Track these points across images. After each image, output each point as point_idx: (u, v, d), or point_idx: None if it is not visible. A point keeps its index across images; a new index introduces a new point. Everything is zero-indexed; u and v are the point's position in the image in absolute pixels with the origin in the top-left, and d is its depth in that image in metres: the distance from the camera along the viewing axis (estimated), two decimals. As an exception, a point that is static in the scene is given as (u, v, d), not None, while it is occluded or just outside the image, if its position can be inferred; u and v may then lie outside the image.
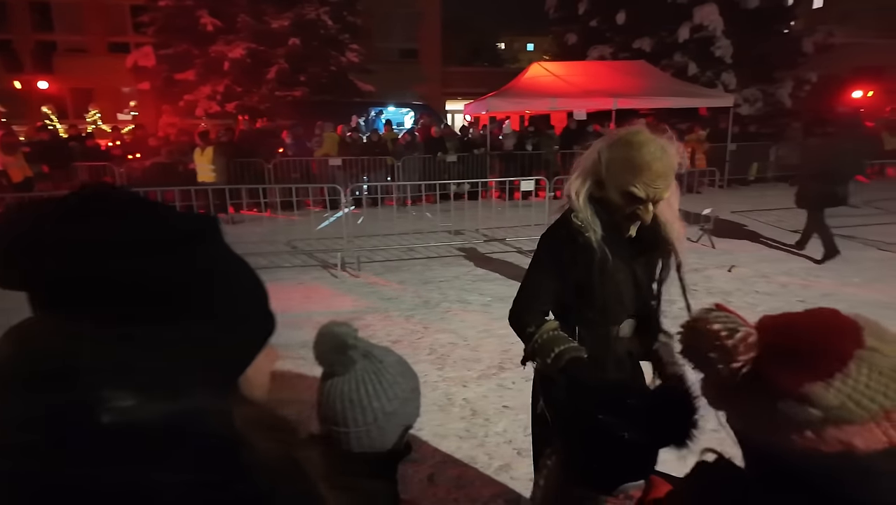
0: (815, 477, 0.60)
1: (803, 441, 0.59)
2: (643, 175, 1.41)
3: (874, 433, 0.57)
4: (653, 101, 12.65)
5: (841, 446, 0.57)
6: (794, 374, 0.59)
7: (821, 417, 0.58)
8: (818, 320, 0.64)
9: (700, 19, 13.94)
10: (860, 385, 0.57)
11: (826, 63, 15.97)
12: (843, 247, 7.13)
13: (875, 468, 0.57)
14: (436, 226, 8.06)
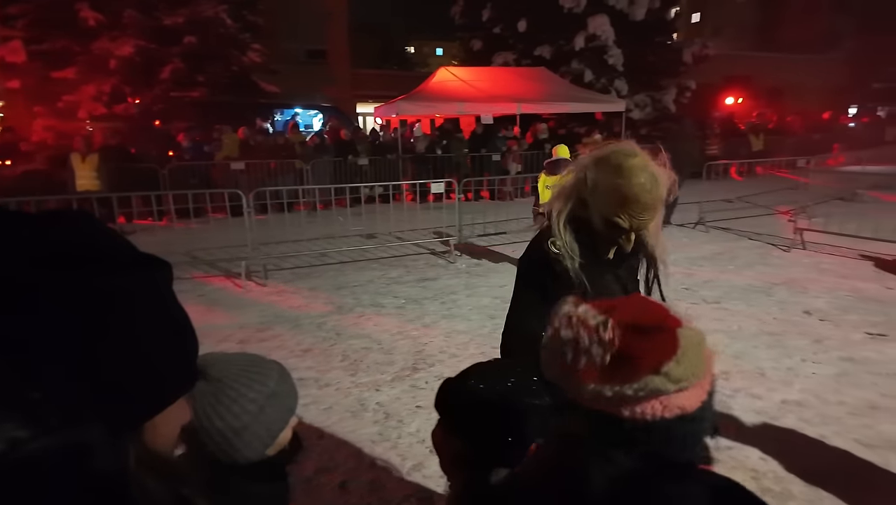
0: (655, 441, 0.69)
1: (653, 410, 0.68)
2: (629, 207, 1.33)
3: (697, 394, 0.69)
4: (554, 107, 13.33)
5: (679, 411, 0.68)
6: (654, 354, 0.67)
7: (670, 389, 0.67)
8: (651, 306, 0.75)
9: (593, 29, 14.87)
10: (690, 356, 0.68)
11: (703, 72, 17.66)
12: (720, 238, 7.94)
13: (697, 425, 0.69)
14: (348, 230, 7.95)
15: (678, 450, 0.69)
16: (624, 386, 0.67)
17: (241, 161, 10.27)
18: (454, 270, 6.57)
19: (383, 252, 7.30)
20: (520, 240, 8.07)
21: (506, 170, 12.36)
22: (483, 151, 12.47)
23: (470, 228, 8.18)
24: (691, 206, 9.71)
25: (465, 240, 7.47)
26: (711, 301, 5.24)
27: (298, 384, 4.02)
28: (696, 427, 0.69)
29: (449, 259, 7.00)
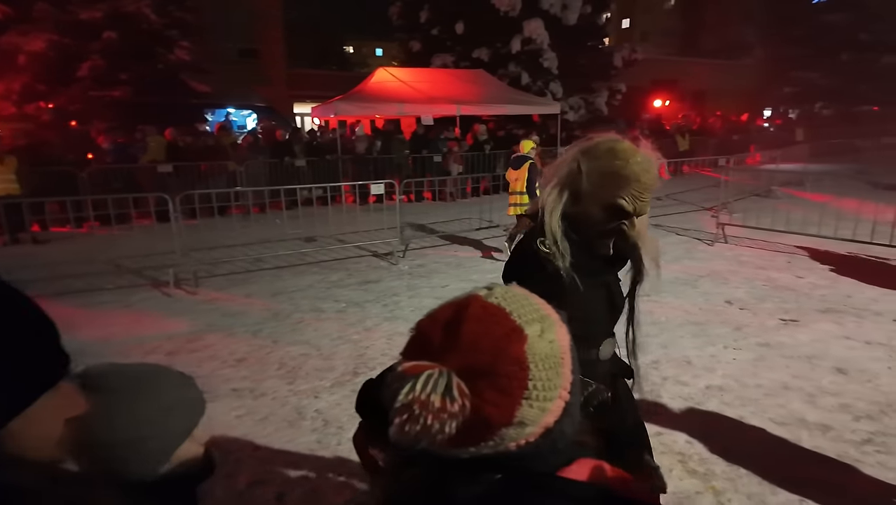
0: (524, 458, 0.66)
1: (516, 443, 0.65)
2: (631, 187, 1.29)
3: (558, 405, 0.66)
4: (492, 109, 13.53)
5: (542, 429, 0.65)
6: (502, 406, 0.61)
7: (531, 428, 0.64)
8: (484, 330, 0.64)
9: (529, 33, 15.23)
10: (543, 381, 0.63)
11: (632, 75, 18.48)
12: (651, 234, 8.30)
13: (566, 424, 0.67)
14: (285, 233, 7.73)
15: (550, 454, 0.68)
16: (480, 447, 0.63)
17: (169, 164, 9.78)
18: (396, 272, 6.53)
19: (323, 255, 7.16)
20: (462, 240, 8.15)
21: (447, 171, 12.43)
22: (424, 152, 12.49)
23: (412, 229, 8.17)
24: (624, 204, 10.12)
25: (407, 241, 7.44)
26: (642, 294, 5.47)
27: (232, 395, 3.85)
28: (565, 426, 0.67)
29: (391, 261, 6.95)
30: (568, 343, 0.69)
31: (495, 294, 0.69)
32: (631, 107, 19.68)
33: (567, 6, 15.63)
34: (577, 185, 1.34)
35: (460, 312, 0.66)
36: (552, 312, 0.71)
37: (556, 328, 0.68)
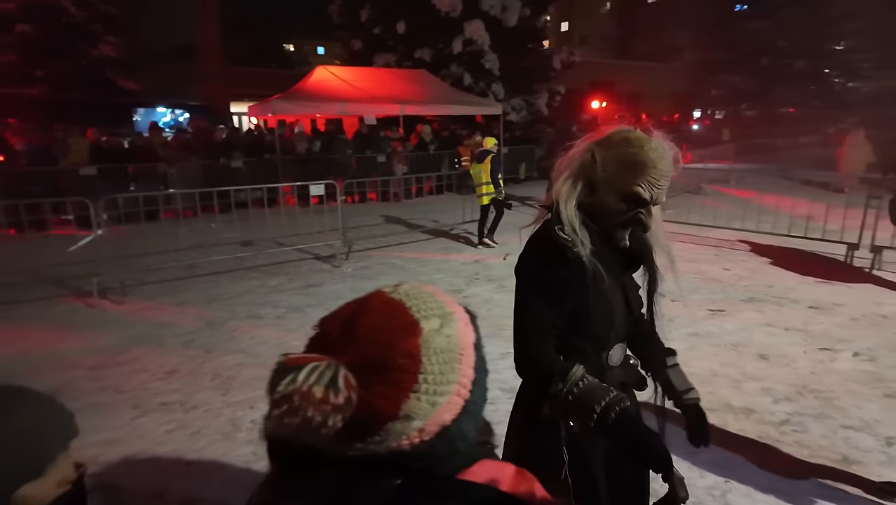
0: (422, 458, 0.64)
1: (409, 440, 0.62)
2: (648, 173, 1.25)
3: (454, 402, 0.64)
4: (436, 109, 13.55)
5: (437, 427, 0.63)
6: (389, 400, 0.60)
7: (422, 423, 0.62)
8: (380, 324, 0.64)
9: (470, 34, 15.35)
10: (436, 376, 0.62)
11: (571, 77, 18.99)
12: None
13: (465, 423, 0.65)
14: (221, 238, 7.43)
15: (451, 456, 0.66)
16: (367, 443, 0.61)
17: (93, 166, 9.19)
18: (340, 275, 6.41)
19: (262, 259, 6.93)
20: (408, 240, 8.10)
21: (392, 171, 12.35)
22: (368, 153, 12.35)
23: (356, 231, 8.05)
24: (565, 203, 10.39)
25: (350, 243, 7.32)
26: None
27: (161, 409, 3.66)
28: (464, 425, 0.66)
29: (334, 263, 6.82)
30: (471, 340, 0.68)
31: (399, 290, 0.69)
32: (570, 108, 20.23)
33: (507, 8, 15.87)
34: (592, 175, 1.30)
35: (360, 307, 0.66)
36: (458, 310, 0.70)
37: (457, 324, 0.67)
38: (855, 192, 7.14)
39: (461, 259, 7.04)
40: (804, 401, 3.37)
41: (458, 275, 6.32)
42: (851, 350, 4.08)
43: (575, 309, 1.30)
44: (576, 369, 1.25)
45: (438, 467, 0.65)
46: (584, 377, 1.24)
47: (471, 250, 7.55)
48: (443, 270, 6.53)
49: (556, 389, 1.23)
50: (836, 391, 3.48)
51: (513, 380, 4.14)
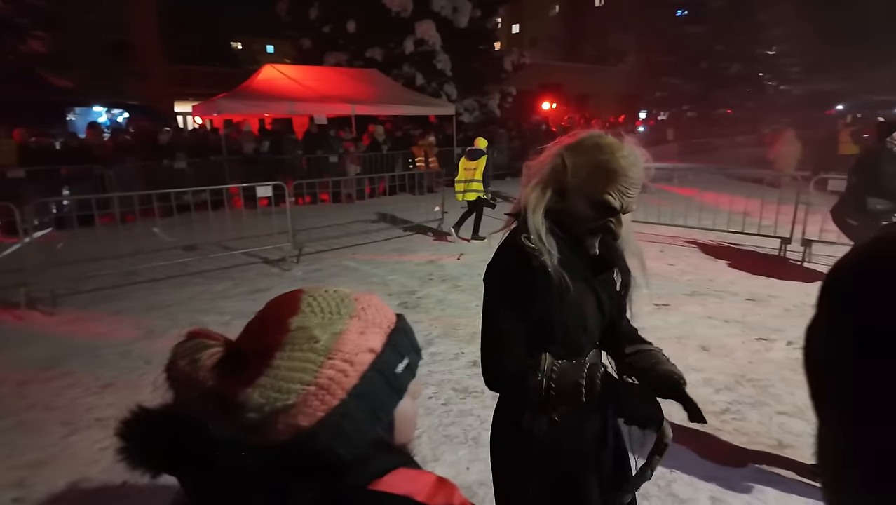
0: (300, 459, 0.62)
1: (255, 439, 0.61)
2: (619, 182, 1.23)
3: (311, 406, 0.61)
4: (388, 109, 13.46)
5: (291, 430, 0.60)
6: (232, 387, 0.60)
7: (259, 418, 0.60)
8: (269, 315, 0.66)
9: (421, 34, 15.34)
10: (282, 372, 0.61)
11: (522, 79, 19.28)
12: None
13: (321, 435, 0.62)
14: (163, 242, 7.11)
15: (361, 464, 0.64)
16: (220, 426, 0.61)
17: (21, 169, 8.61)
18: (289, 279, 6.25)
19: (206, 265, 6.67)
20: (361, 242, 7.99)
21: (344, 172, 12.17)
22: (319, 153, 12.12)
23: (307, 233, 7.87)
24: (517, 202, 10.51)
25: (300, 245, 7.15)
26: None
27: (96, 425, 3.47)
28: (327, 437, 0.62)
29: (283, 267, 6.65)
30: (363, 349, 0.65)
31: (317, 288, 0.70)
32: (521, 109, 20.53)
33: (457, 9, 15.95)
34: (562, 182, 1.28)
35: (273, 300, 0.69)
36: (363, 313, 0.68)
37: (343, 328, 0.65)
38: (787, 189, 7.55)
39: (416, 260, 7.01)
40: (742, 390, 3.52)
41: (413, 276, 6.28)
42: (785, 339, 4.30)
43: (544, 317, 1.29)
44: (544, 357, 1.25)
45: (348, 476, 0.63)
46: (555, 362, 1.25)
47: (425, 250, 7.52)
48: (397, 271, 6.47)
49: (534, 382, 1.22)
50: (772, 379, 3.65)
51: (466, 380, 4.12)
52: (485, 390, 3.54)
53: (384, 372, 0.66)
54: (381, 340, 0.67)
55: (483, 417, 3.23)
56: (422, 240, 8.19)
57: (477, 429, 3.11)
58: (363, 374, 0.64)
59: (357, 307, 0.68)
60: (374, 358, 0.65)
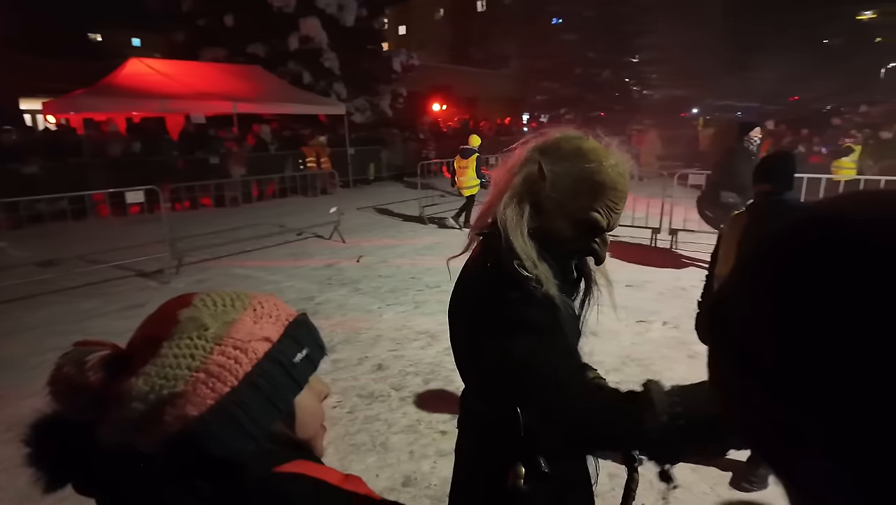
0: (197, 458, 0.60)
1: (143, 438, 0.58)
2: (608, 196, 1.03)
3: (202, 393, 0.59)
4: (274, 107, 12.88)
5: (180, 422, 0.58)
6: (117, 381, 0.59)
7: (144, 408, 0.58)
8: (156, 315, 0.66)
9: (306, 31, 14.84)
10: (168, 360, 0.59)
11: (412, 80, 19.42)
12: (439, 229, 8.84)
13: (212, 424, 0.59)
14: (13, 258, 6.19)
15: (233, 450, 0.59)
16: (114, 429, 0.59)
17: None
18: (170, 292, 5.73)
19: (70, 281, 5.90)
20: (252, 248, 7.55)
21: (228, 174, 11.41)
22: (198, 154, 11.26)
23: (188, 241, 7.27)
24: (414, 203, 10.57)
25: (181, 255, 6.59)
26: (434, 286, 5.76)
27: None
28: (218, 427, 0.58)
29: (162, 280, 6.09)
30: (256, 337, 0.63)
31: (211, 290, 0.69)
32: (413, 110, 20.69)
33: (343, 7, 15.66)
34: (538, 194, 1.05)
35: (163, 303, 0.69)
36: (259, 306, 0.67)
37: (238, 316, 0.64)
38: (654, 184, 8.36)
39: (312, 264, 6.77)
40: (628, 370, 3.83)
41: (310, 280, 6.06)
42: (661, 320, 4.75)
43: None
44: (652, 386, 0.99)
45: (247, 468, 0.60)
46: (638, 397, 0.99)
47: (322, 254, 7.29)
48: (293, 277, 6.21)
49: (649, 420, 0.94)
50: (652, 357, 4.02)
51: (371, 385, 4.06)
52: (391, 393, 3.51)
53: (281, 361, 0.64)
54: (279, 331, 0.66)
55: (390, 420, 3.20)
56: (318, 243, 7.94)
57: (385, 434, 3.07)
58: (258, 362, 0.62)
59: (253, 301, 0.67)
60: (269, 347, 0.63)
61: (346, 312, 4.99)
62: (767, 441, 0.35)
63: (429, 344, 4.27)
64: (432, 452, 2.88)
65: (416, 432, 3.08)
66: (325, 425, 0.74)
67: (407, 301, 5.30)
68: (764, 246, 0.36)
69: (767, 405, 0.33)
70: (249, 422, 0.60)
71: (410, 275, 6.17)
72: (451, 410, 3.28)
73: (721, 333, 0.37)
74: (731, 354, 0.36)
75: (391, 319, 4.85)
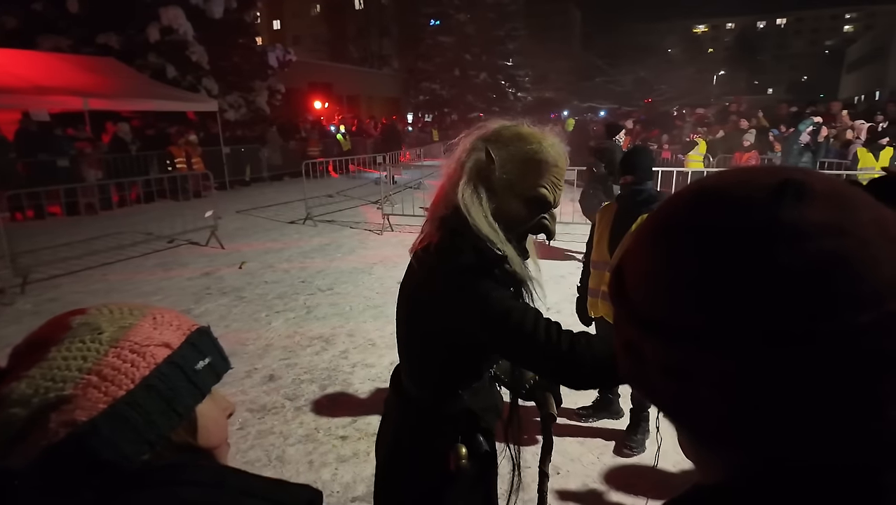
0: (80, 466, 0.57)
1: (22, 448, 0.54)
2: (551, 172, 1.13)
3: (93, 397, 0.56)
4: (133, 103, 11.67)
5: (67, 428, 0.54)
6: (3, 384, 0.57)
7: (26, 413, 0.54)
8: (43, 326, 0.63)
9: (168, 21, 13.62)
10: (56, 362, 0.57)
11: (290, 77, 18.68)
12: (327, 230, 8.61)
13: (102, 427, 0.56)
14: None
15: (125, 457, 0.56)
16: None
17: None
18: (13, 314, 4.98)
19: None
20: (114, 259, 6.78)
21: (81, 177, 10.12)
22: (43, 156, 9.84)
23: (35, 255, 6.34)
24: (299, 203, 10.20)
25: (26, 272, 5.74)
26: (325, 289, 5.60)
27: None
28: (109, 430, 0.55)
29: (3, 301, 5.26)
30: (156, 342, 0.62)
31: (113, 302, 0.67)
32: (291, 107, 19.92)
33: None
34: (490, 178, 1.13)
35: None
36: (158, 315, 0.65)
37: (141, 321, 0.63)
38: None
39: (187, 274, 6.24)
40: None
41: (185, 292, 5.59)
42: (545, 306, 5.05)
43: None
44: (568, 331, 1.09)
45: (145, 476, 0.58)
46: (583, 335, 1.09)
47: (198, 262, 6.74)
48: (164, 290, 5.68)
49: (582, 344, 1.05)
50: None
51: (262, 397, 3.89)
52: (285, 404, 3.37)
53: (182, 367, 0.62)
54: (179, 339, 0.64)
55: (285, 432, 3.07)
56: (193, 251, 7.33)
57: (280, 447, 2.94)
58: (156, 365, 0.59)
59: (153, 311, 0.65)
60: (169, 352, 0.61)
61: (229, 324, 4.68)
62: (657, 383, 0.40)
63: (323, 349, 4.15)
64: (333, 459, 2.81)
65: (315, 441, 2.98)
66: (228, 442, 0.72)
67: (297, 307, 5.10)
68: (650, 219, 0.43)
69: (660, 349, 0.39)
70: (145, 425, 0.57)
71: (300, 279, 5.94)
72: (351, 413, 3.23)
73: (620, 294, 0.43)
74: (629, 309, 0.41)
75: (281, 326, 4.63)
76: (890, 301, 0.33)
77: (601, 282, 2.78)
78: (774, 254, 0.34)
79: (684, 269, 0.37)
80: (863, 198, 0.37)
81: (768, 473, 0.38)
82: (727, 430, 0.38)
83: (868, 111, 11.57)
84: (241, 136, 14.92)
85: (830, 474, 0.36)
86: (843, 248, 0.34)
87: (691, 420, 0.40)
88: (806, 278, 0.33)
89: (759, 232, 0.35)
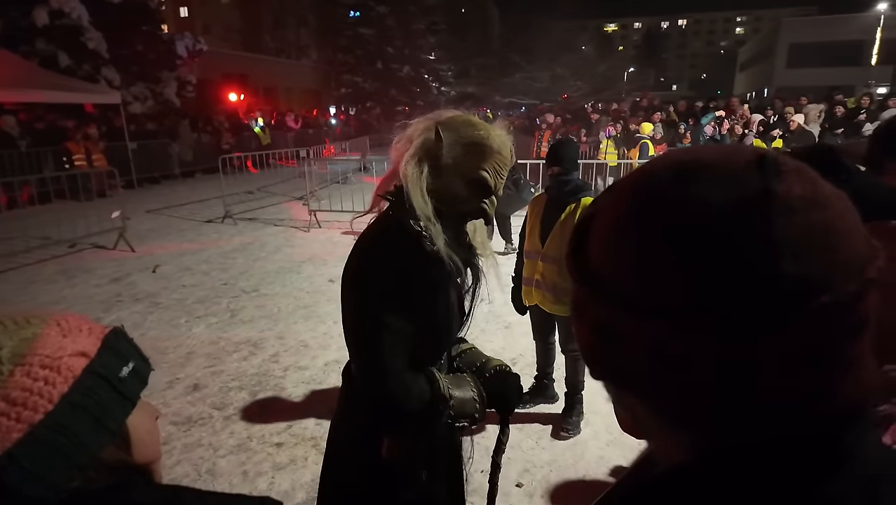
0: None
1: None
2: (494, 159, 1.18)
3: (3, 425, 0.50)
4: (20, 95, 10.55)
5: None
6: None
7: None
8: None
9: (58, 4, 12.38)
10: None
11: (201, 68, 17.60)
12: (249, 229, 8.21)
13: (21, 459, 0.50)
14: None
15: (51, 487, 0.51)
16: None
17: None
18: None
19: None
20: (4, 268, 6.08)
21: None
22: None
23: None
24: (216, 201, 9.66)
25: None
26: (251, 290, 5.34)
27: None
28: (27, 458, 0.50)
29: None
30: (69, 349, 0.56)
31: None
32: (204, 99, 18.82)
33: (107, -20, 13.43)
34: (437, 157, 1.17)
35: None
36: (63, 321, 0.59)
37: (45, 329, 0.56)
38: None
39: (93, 280, 5.72)
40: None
41: (92, 300, 5.12)
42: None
43: (427, 314, 1.17)
44: (443, 387, 1.21)
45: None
46: (448, 387, 1.22)
47: (106, 268, 6.19)
48: (67, 299, 5.17)
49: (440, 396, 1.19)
50: (473, 332, 4.29)
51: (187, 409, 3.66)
52: (213, 414, 3.18)
53: (105, 376, 0.56)
54: (95, 344, 0.57)
55: (215, 444, 2.89)
56: (99, 255, 6.73)
57: (210, 459, 2.77)
58: (76, 379, 0.53)
59: (55, 317, 0.58)
60: (88, 362, 0.55)
61: (144, 332, 4.35)
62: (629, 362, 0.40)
63: (251, 354, 3.96)
64: (268, 468, 2.69)
65: (248, 450, 2.83)
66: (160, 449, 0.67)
67: (220, 311, 4.82)
68: (617, 198, 0.42)
69: (641, 326, 0.38)
70: (72, 448, 0.51)
71: (221, 281, 5.62)
72: (285, 418, 3.10)
73: (585, 273, 0.42)
74: (597, 289, 0.40)
75: (203, 332, 4.36)
76: (868, 269, 0.34)
77: (535, 271, 2.84)
78: (774, 225, 0.34)
79: (673, 242, 0.36)
80: (815, 173, 0.38)
81: (734, 449, 0.38)
82: (702, 408, 0.37)
83: (759, 106, 12.68)
84: (150, 131, 13.88)
85: (793, 445, 0.37)
86: (828, 220, 0.35)
87: (663, 399, 0.39)
88: (804, 250, 0.34)
89: (755, 204, 0.34)
